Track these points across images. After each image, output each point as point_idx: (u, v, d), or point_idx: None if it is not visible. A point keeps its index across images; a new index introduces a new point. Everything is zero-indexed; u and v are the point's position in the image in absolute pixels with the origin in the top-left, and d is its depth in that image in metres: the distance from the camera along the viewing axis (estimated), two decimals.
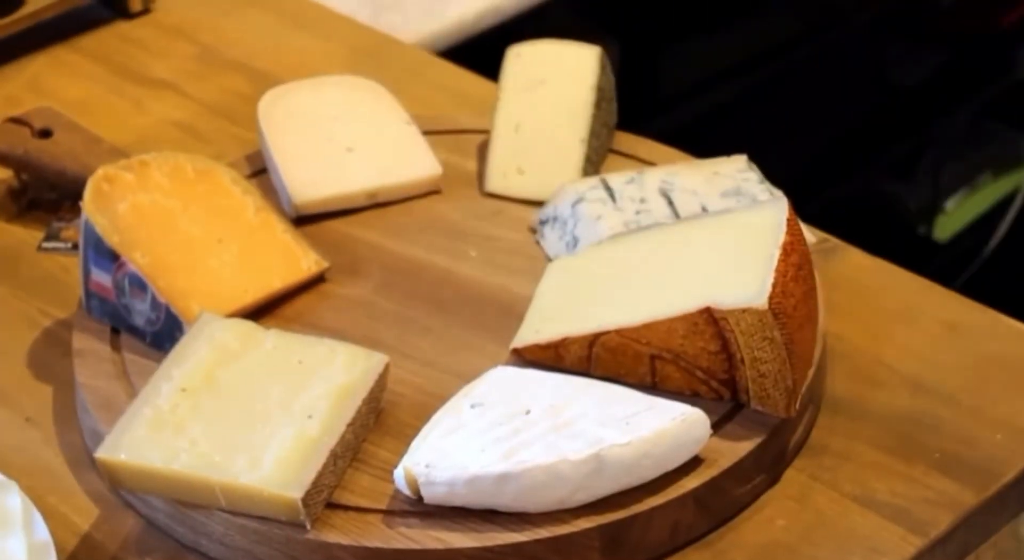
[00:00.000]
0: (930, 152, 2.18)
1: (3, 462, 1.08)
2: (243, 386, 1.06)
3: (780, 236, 1.07)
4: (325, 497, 1.02)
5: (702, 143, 1.43)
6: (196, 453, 1.02)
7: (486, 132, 1.32)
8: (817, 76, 1.96)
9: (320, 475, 1.00)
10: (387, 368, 1.08)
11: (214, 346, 1.09)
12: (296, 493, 0.99)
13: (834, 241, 1.26)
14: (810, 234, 1.18)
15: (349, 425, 1.03)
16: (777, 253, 1.06)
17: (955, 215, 2.34)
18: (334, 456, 1.02)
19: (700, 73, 1.94)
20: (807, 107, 1.76)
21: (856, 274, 1.24)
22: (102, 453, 1.03)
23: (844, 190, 1.74)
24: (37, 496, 1.06)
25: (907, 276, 1.24)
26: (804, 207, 1.18)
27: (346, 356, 1.08)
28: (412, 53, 1.54)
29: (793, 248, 1.08)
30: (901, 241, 1.25)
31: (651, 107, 1.86)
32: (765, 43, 1.97)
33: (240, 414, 1.04)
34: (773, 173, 1.24)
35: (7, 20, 1.51)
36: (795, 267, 1.08)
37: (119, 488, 1.06)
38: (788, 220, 1.09)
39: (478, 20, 1.73)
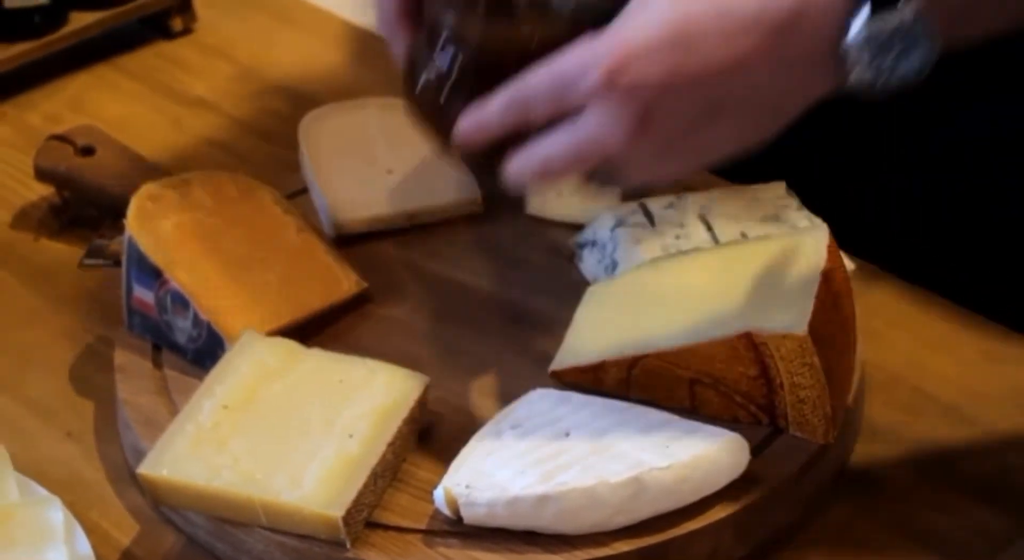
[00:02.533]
0: None
1: (45, 477, 1.09)
2: (284, 404, 1.07)
3: (820, 263, 1.08)
4: (365, 516, 1.02)
5: (739, 166, 1.43)
6: (238, 470, 1.03)
7: None
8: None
9: (360, 494, 1.01)
10: (427, 389, 1.08)
11: (256, 364, 1.09)
12: (337, 512, 1.00)
13: (873, 268, 1.26)
14: (849, 261, 1.19)
15: (389, 445, 1.04)
16: (818, 280, 1.06)
17: None
18: (374, 475, 1.02)
19: None
20: (847, 129, 1.76)
21: (895, 302, 1.24)
22: (144, 469, 1.04)
23: (883, 214, 1.73)
24: (78, 511, 1.06)
25: (946, 305, 1.24)
26: (841, 232, 1.18)
27: (386, 376, 1.08)
28: None
29: (833, 275, 1.08)
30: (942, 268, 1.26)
31: None
32: None
33: (281, 432, 1.05)
34: (810, 199, 1.25)
35: (50, 38, 1.52)
36: (835, 294, 1.08)
37: (160, 504, 1.06)
38: (828, 247, 1.09)
39: None
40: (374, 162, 1.31)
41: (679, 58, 0.93)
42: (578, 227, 1.26)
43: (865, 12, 0.91)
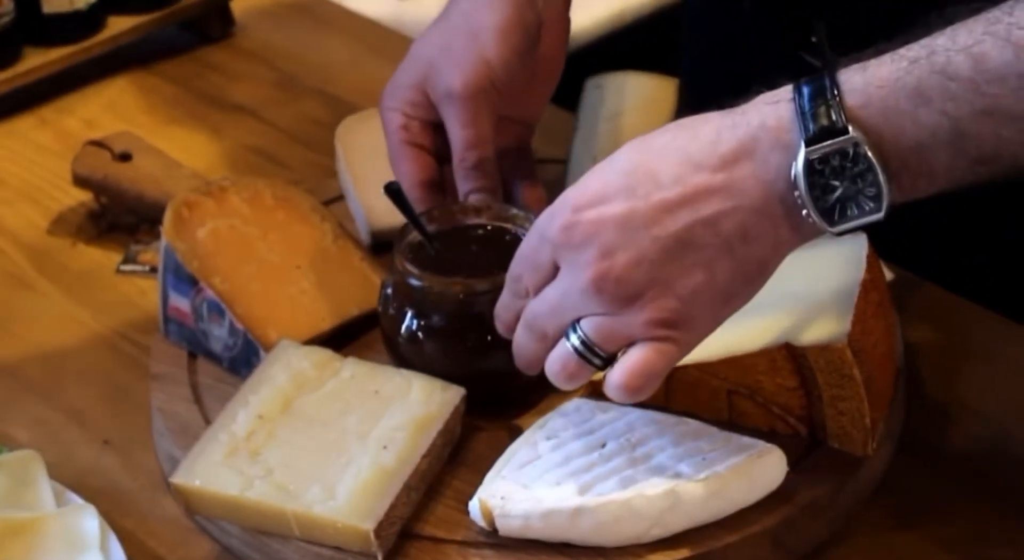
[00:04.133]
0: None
1: (81, 485, 1.09)
2: (319, 414, 1.07)
3: (860, 273, 1.07)
4: (398, 528, 1.02)
5: None
6: (271, 481, 1.02)
7: (562, 162, 1.32)
8: None
9: (393, 507, 1.00)
10: (463, 400, 1.08)
11: (292, 374, 1.09)
12: (369, 524, 0.99)
13: (912, 278, 1.25)
14: (888, 271, 1.17)
15: (424, 457, 1.03)
16: (857, 290, 1.06)
17: None
18: (408, 488, 1.02)
19: None
20: None
21: (935, 312, 1.23)
22: (177, 479, 1.03)
23: (922, 223, 1.72)
24: (114, 520, 1.06)
25: (986, 314, 1.23)
26: (880, 241, 1.17)
27: (422, 387, 1.08)
28: None
29: (873, 285, 1.07)
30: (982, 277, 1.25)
31: None
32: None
33: (316, 443, 1.05)
34: None
35: (88, 43, 1.52)
36: (875, 304, 1.07)
37: (193, 514, 1.06)
38: (868, 257, 1.08)
39: None
40: None
41: (633, 200, 0.94)
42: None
43: (802, 144, 0.90)
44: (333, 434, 1.05)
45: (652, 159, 0.94)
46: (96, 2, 1.52)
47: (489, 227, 1.15)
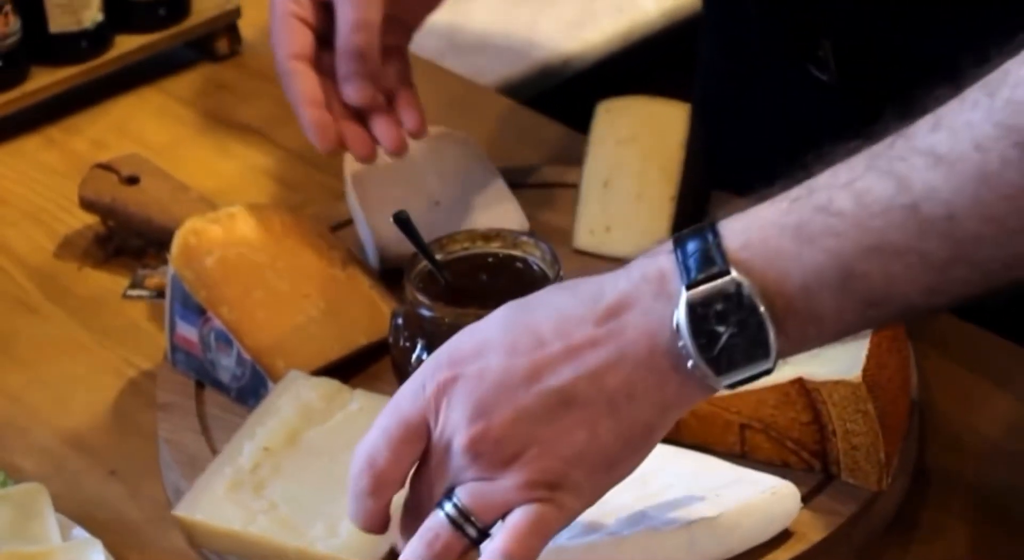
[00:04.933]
0: None
1: (87, 517, 1.08)
2: (326, 448, 1.06)
3: None
4: None
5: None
6: (274, 516, 1.01)
7: (574, 186, 1.31)
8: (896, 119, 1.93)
9: (396, 546, 0.99)
10: None
11: (299, 406, 1.08)
12: None
13: None
14: None
15: None
16: None
17: None
18: None
19: None
20: None
21: (949, 340, 1.22)
22: (180, 512, 1.03)
23: None
24: (120, 553, 1.05)
25: (1001, 342, 1.22)
26: None
27: None
28: (499, 102, 1.54)
29: None
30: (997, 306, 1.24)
31: (740, 158, 1.84)
32: None
33: (321, 478, 1.04)
34: None
35: (96, 62, 1.51)
36: (889, 338, 1.06)
37: (196, 547, 1.05)
38: None
39: (564, 66, 1.72)
40: (421, 193, 1.29)
41: (513, 357, 0.87)
42: (626, 261, 1.24)
43: (683, 291, 0.85)
44: (339, 469, 1.03)
45: (532, 316, 0.88)
46: (103, 21, 1.50)
47: (500, 255, 1.14)
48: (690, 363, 0.85)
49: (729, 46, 1.41)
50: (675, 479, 1.02)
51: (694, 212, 1.27)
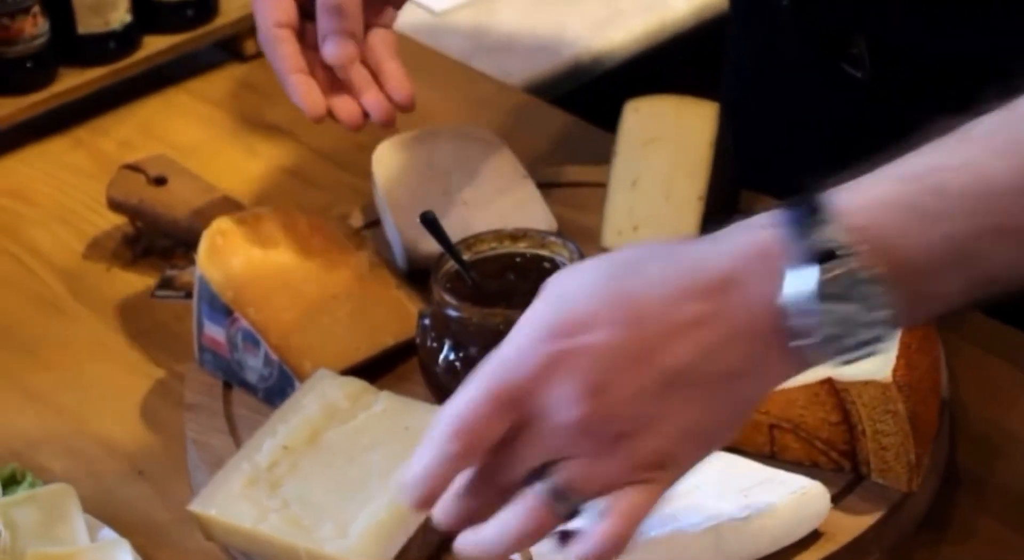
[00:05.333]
0: None
1: (115, 518, 1.08)
2: (345, 449, 1.05)
3: None
4: None
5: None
6: (286, 515, 1.01)
7: (602, 186, 1.30)
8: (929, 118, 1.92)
9: (406, 549, 0.99)
10: None
11: (324, 405, 1.08)
12: None
13: None
14: None
15: None
16: None
17: None
18: (423, 530, 1.00)
19: None
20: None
21: (980, 340, 1.21)
22: (196, 507, 1.03)
23: None
24: (148, 553, 1.05)
25: None
26: None
27: None
28: (527, 101, 1.53)
29: None
30: None
31: (769, 156, 1.84)
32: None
33: (337, 478, 1.03)
34: None
35: (124, 63, 1.51)
36: (919, 338, 1.05)
37: (211, 541, 1.05)
38: None
39: (592, 65, 1.71)
40: (449, 194, 1.29)
41: (621, 329, 0.83)
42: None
43: (799, 269, 0.83)
44: (355, 470, 1.04)
45: (632, 287, 0.85)
46: (131, 22, 1.51)
47: (527, 255, 1.14)
48: (800, 342, 0.83)
49: (758, 44, 1.40)
50: (704, 480, 1.01)
51: (722, 211, 1.26)
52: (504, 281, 1.12)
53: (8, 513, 1.04)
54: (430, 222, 1.14)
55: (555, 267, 1.12)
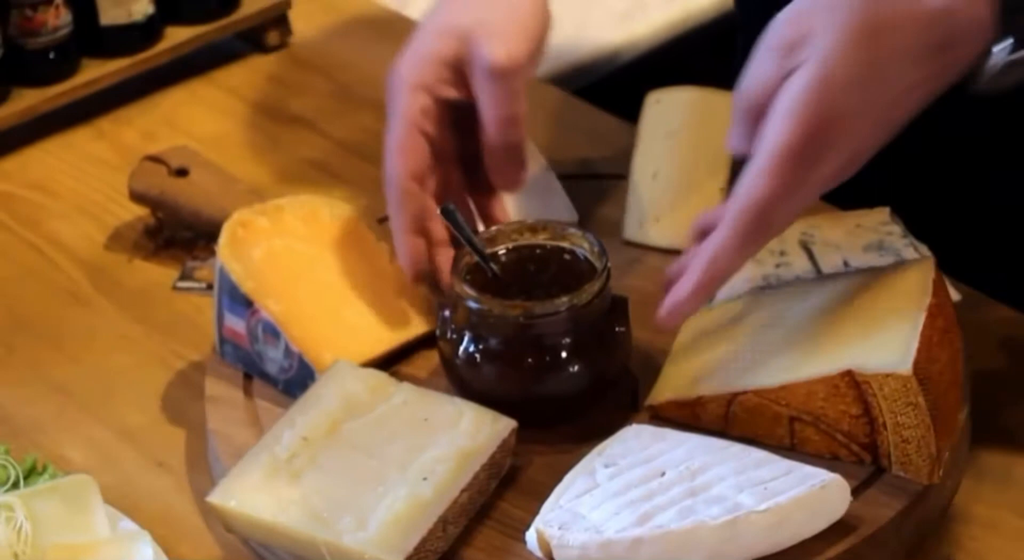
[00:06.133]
0: None
1: (136, 509, 1.08)
2: (365, 441, 1.05)
3: (926, 298, 1.05)
4: None
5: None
6: (305, 507, 1.01)
7: (623, 178, 1.30)
8: (959, 107, 1.91)
9: (424, 541, 0.99)
10: (513, 433, 1.06)
11: (343, 396, 1.08)
12: (395, 559, 0.98)
13: (979, 297, 1.23)
14: (955, 292, 1.15)
15: (464, 490, 1.02)
16: (923, 316, 1.03)
17: None
18: (443, 522, 1.00)
19: None
20: (946, 141, 1.72)
21: (1002, 331, 1.20)
22: (214, 498, 1.03)
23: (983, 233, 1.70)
24: (169, 545, 1.05)
25: None
26: (947, 257, 1.15)
27: (473, 418, 1.06)
28: (548, 92, 1.53)
29: (939, 310, 1.05)
30: None
31: None
32: None
33: (356, 470, 1.03)
34: (910, 214, 1.21)
35: (146, 55, 1.51)
36: (941, 330, 1.05)
37: (231, 532, 1.05)
38: (934, 281, 1.06)
39: (614, 57, 1.71)
40: None
41: (872, 88, 0.98)
42: (677, 253, 1.23)
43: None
44: (375, 462, 1.04)
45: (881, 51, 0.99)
46: (154, 13, 1.51)
47: (548, 247, 1.14)
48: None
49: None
50: (724, 472, 1.01)
51: None
52: (524, 273, 1.12)
53: (30, 504, 1.05)
54: (450, 214, 1.14)
55: (575, 259, 1.12)
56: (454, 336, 1.10)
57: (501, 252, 1.13)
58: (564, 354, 1.08)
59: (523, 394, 1.09)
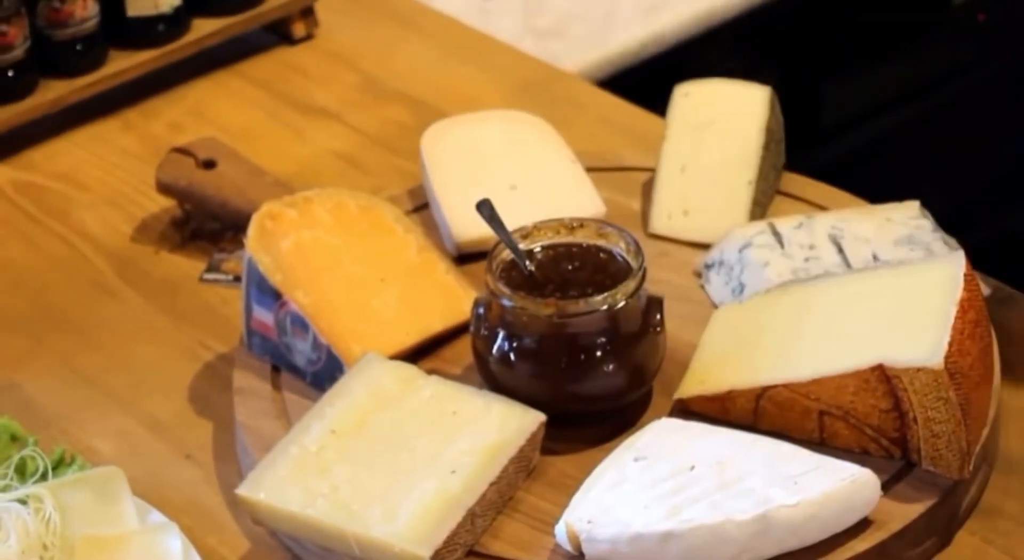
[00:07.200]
0: None
1: (164, 501, 1.08)
2: (393, 434, 1.05)
3: (957, 292, 1.04)
4: (459, 555, 1.00)
5: (864, 176, 1.40)
6: (334, 499, 1.01)
7: (651, 170, 1.30)
8: (984, 105, 1.91)
9: (454, 534, 0.99)
10: (541, 427, 1.06)
11: (372, 389, 1.08)
12: (425, 551, 0.98)
13: (1008, 290, 1.22)
14: (985, 286, 1.15)
15: (492, 484, 1.02)
16: (953, 310, 1.03)
17: None
18: (472, 515, 1.00)
19: (863, 104, 1.90)
20: (973, 137, 1.72)
21: None
22: (243, 491, 1.03)
23: (1013, 226, 1.70)
24: (196, 537, 1.05)
25: None
26: (969, 243, 1.15)
27: (501, 412, 1.06)
28: (576, 85, 1.53)
29: (970, 304, 1.04)
30: None
31: (812, 139, 1.83)
32: (928, 73, 1.92)
33: (385, 463, 1.03)
34: (938, 207, 1.21)
35: (173, 46, 1.51)
36: (972, 324, 1.04)
37: (259, 524, 1.05)
38: (965, 275, 1.06)
39: (641, 49, 1.71)
40: (496, 178, 1.28)
41: None
42: (703, 247, 1.23)
43: None
44: (404, 454, 1.03)
45: None
46: (180, 5, 1.51)
47: (584, 245, 1.13)
48: None
49: None
50: (753, 466, 1.01)
51: (766, 193, 1.26)
52: (560, 271, 1.12)
53: (58, 495, 1.05)
54: (487, 211, 1.13)
55: (611, 257, 1.12)
56: (487, 333, 1.10)
57: (537, 249, 1.12)
58: (598, 354, 1.07)
59: (556, 393, 1.08)
